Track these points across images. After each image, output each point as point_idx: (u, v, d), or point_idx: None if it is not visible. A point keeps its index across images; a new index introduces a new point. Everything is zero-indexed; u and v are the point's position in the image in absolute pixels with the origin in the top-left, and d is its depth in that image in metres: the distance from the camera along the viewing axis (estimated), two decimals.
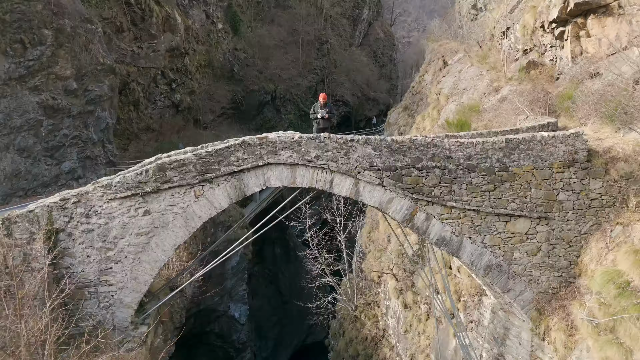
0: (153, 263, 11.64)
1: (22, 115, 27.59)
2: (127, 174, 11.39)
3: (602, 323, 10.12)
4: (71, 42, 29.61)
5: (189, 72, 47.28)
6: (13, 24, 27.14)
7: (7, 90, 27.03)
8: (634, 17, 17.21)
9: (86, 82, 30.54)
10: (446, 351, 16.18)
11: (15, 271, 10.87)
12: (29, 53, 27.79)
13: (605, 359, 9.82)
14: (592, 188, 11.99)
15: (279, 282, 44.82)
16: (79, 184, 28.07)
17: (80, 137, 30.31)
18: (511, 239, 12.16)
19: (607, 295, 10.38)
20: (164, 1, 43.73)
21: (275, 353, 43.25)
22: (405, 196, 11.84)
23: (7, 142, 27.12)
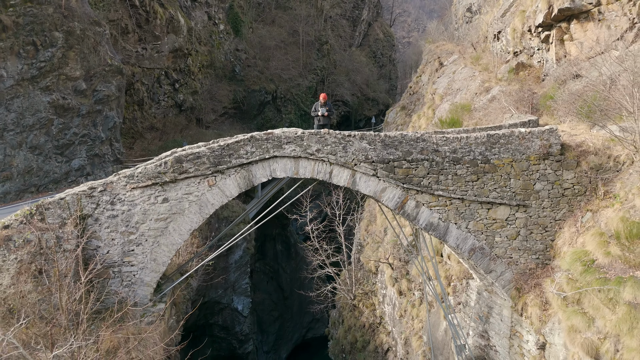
0: (170, 246, 13.11)
1: (34, 114, 29.05)
2: (148, 165, 12.86)
3: (570, 296, 11.58)
4: (80, 44, 31.08)
5: (192, 73, 48.77)
6: (26, 27, 28.58)
7: (19, 91, 28.49)
8: (612, 22, 18.70)
9: (95, 82, 32.03)
10: (437, 332, 17.64)
11: (49, 252, 12.37)
12: (41, 54, 29.25)
13: (572, 327, 11.28)
14: (565, 178, 13.46)
15: (280, 277, 46.23)
16: (88, 180, 29.52)
17: (89, 136, 31.80)
18: (493, 225, 13.62)
19: (575, 272, 11.85)
20: (167, 3, 45.22)
21: (276, 347, 44.66)
22: (397, 186, 13.30)
23: (19, 140, 28.59)
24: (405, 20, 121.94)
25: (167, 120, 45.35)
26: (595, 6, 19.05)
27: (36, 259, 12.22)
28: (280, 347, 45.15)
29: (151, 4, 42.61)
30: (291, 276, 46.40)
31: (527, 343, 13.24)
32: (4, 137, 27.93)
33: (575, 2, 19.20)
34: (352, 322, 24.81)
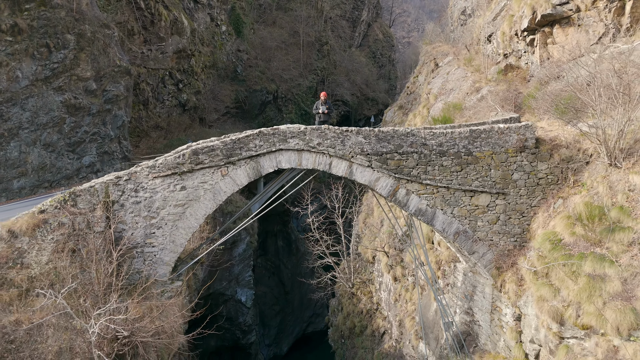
0: (187, 229, 14.91)
1: (48, 113, 30.84)
2: (168, 157, 14.66)
3: (539, 270, 13.39)
4: (91, 46, 32.89)
5: (195, 73, 50.57)
6: (40, 30, 30.38)
7: (34, 91, 30.29)
8: (590, 27, 20.53)
9: (104, 82, 33.84)
10: (428, 312, 19.43)
11: (81, 234, 14.17)
12: (54, 56, 31.05)
13: (540, 297, 13.07)
14: (539, 169, 15.27)
15: (281, 273, 47.98)
16: (98, 177, 31.27)
17: (99, 134, 33.60)
18: (475, 211, 15.42)
19: (544, 250, 13.65)
20: (171, 5, 47.06)
21: (277, 340, 46.43)
22: (389, 176, 15.10)
23: (34, 137, 30.38)
24: (405, 20, 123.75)
25: (172, 120, 47.14)
26: (575, 12, 20.87)
27: (70, 240, 14.02)
28: (282, 341, 46.90)
29: (156, 6, 44.46)
30: (292, 271, 48.17)
31: (506, 316, 15.04)
32: (19, 135, 29.73)
33: (557, 8, 21.02)
34: (351, 309, 26.62)
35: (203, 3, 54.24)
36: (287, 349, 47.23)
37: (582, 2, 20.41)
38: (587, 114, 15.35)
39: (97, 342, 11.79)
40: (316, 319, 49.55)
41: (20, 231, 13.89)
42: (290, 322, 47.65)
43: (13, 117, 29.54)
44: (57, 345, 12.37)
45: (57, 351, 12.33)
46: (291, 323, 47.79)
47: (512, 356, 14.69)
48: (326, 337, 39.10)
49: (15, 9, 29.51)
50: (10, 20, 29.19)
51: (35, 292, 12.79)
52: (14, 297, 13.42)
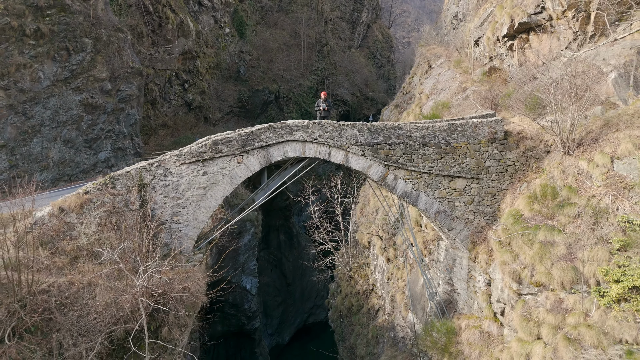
0: (208, 208, 17.93)
1: (67, 111, 33.91)
2: (192, 147, 17.69)
3: (503, 240, 16.42)
4: (106, 49, 35.97)
5: (200, 74, 53.66)
6: (60, 34, 33.45)
7: (55, 90, 33.36)
8: (561, 34, 23.59)
9: (118, 83, 36.92)
10: (416, 287, 22.45)
11: (120, 211, 17.20)
12: (73, 58, 34.12)
13: (503, 262, 16.09)
14: (508, 157, 18.30)
15: (283, 266, 50.96)
16: (112, 171, 34.26)
17: (114, 131, 36.66)
18: (453, 193, 18.45)
19: (508, 223, 16.68)
20: (178, 9, 50.18)
21: (280, 330, 49.43)
22: (380, 163, 18.13)
23: (55, 134, 33.43)
24: (405, 20, 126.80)
25: (178, 118, 50.21)
26: (547, 21, 23.93)
27: (111, 216, 17.06)
28: (284, 331, 49.91)
29: (164, 10, 47.60)
30: (293, 264, 51.16)
31: (479, 282, 18.07)
32: (42, 132, 32.79)
33: (532, 17, 24.09)
34: (349, 290, 29.61)
35: (207, 6, 57.35)
36: (289, 339, 50.24)
37: (554, 12, 23.46)
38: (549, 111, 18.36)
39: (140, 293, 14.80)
40: (317, 310, 52.55)
41: (69, 209, 16.93)
42: (291, 312, 50.64)
43: (36, 115, 32.60)
44: (104, 301, 15.38)
45: (105, 305, 15.33)
46: (293, 314, 50.78)
47: (483, 315, 17.71)
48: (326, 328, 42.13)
49: (38, 15, 32.59)
50: (33, 25, 32.25)
51: (92, 253, 15.81)
52: (65, 263, 16.48)
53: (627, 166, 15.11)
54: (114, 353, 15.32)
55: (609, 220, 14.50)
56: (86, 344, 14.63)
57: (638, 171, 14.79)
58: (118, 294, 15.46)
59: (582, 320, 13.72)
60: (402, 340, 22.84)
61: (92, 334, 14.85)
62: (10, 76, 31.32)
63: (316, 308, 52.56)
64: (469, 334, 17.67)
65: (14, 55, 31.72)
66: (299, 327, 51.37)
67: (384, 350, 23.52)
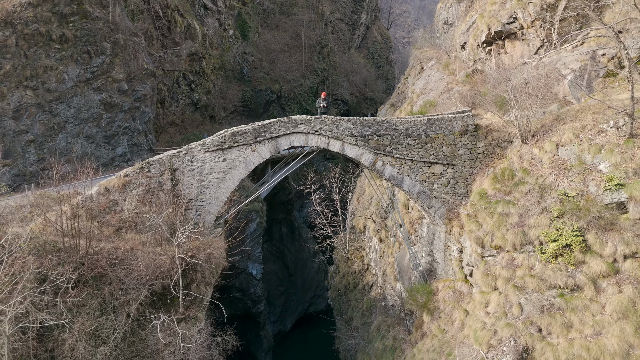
0: (227, 189, 22.11)
1: (89, 110, 38.14)
2: (214, 137, 21.87)
3: (470, 213, 20.59)
4: (123, 52, 40.22)
5: (205, 74, 57.90)
6: (82, 39, 37.70)
7: (78, 91, 37.60)
8: (531, 42, 27.80)
9: (134, 83, 41.16)
10: (403, 261, 26.62)
11: (155, 190, 21.37)
12: (94, 61, 38.37)
13: (470, 230, 20.26)
14: (478, 147, 22.48)
15: (285, 257, 55.11)
16: (128, 165, 38.48)
17: (130, 128, 40.88)
18: (432, 177, 22.62)
19: (475, 200, 20.86)
20: (185, 13, 54.45)
21: (282, 318, 53.56)
22: (371, 151, 22.29)
23: (77, 130, 37.66)
24: (405, 20, 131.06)
25: (185, 117, 54.43)
26: (519, 29, 28.15)
27: (147, 194, 21.24)
28: (286, 318, 54.04)
29: (172, 14, 51.87)
30: (295, 256, 55.32)
31: (453, 251, 22.24)
32: (66, 128, 37.02)
33: (505, 26, 28.31)
34: (346, 271, 33.76)
35: (212, 9, 61.64)
36: (291, 326, 54.36)
37: (524, 22, 27.68)
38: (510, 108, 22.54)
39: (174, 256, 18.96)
40: (317, 300, 56.69)
41: (113, 188, 21.13)
42: (293, 301, 54.78)
43: (61, 113, 36.85)
44: (145, 262, 19.52)
45: (145, 265, 19.46)
46: (294, 303, 54.92)
47: (456, 278, 21.88)
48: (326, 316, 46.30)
49: (63, 21, 36.83)
50: (59, 31, 36.51)
51: (133, 224, 19.97)
52: (111, 232, 20.65)
53: (568, 152, 19.30)
54: (153, 303, 19.49)
55: (551, 194, 18.68)
56: (132, 294, 18.76)
57: (575, 155, 18.99)
58: (156, 256, 19.62)
59: (528, 273, 17.90)
60: (392, 308, 26.97)
61: (136, 287, 18.99)
62: (38, 77, 35.57)
63: (316, 298, 56.69)
64: (444, 293, 21.83)
65: (42, 58, 35.97)
66: (300, 316, 55.48)
67: (376, 318, 27.65)
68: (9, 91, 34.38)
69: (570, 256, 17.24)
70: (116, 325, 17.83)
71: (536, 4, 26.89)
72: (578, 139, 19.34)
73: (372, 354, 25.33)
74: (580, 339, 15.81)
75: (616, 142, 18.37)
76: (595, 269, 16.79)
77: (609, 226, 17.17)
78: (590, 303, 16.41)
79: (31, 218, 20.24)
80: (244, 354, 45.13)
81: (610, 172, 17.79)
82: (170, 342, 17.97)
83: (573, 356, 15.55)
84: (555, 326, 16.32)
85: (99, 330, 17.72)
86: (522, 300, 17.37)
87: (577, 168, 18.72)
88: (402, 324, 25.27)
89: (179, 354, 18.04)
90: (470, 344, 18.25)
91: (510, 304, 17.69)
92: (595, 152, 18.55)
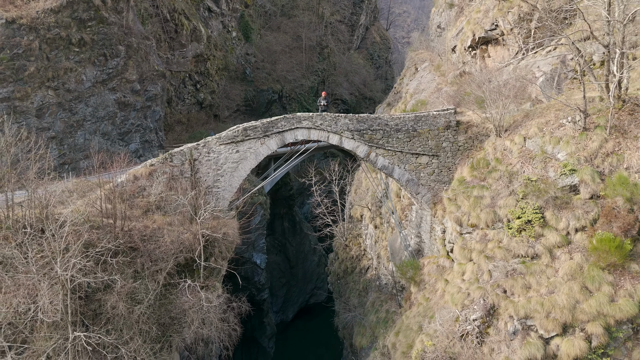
0: (239, 177, 25.96)
1: (105, 108, 42.01)
2: (228, 132, 25.72)
3: (451, 197, 24.45)
4: (136, 55, 44.10)
5: (210, 75, 61.81)
6: (99, 42, 41.58)
7: (95, 91, 41.47)
8: (510, 47, 31.69)
9: (146, 84, 45.03)
10: (395, 244, 30.46)
11: (177, 178, 25.21)
12: (109, 63, 42.25)
13: (450, 212, 24.12)
14: (459, 140, 26.34)
15: (287, 250, 58.94)
16: (141, 161, 42.31)
17: (142, 126, 44.74)
18: (419, 167, 26.46)
19: (455, 185, 24.73)
20: (191, 16, 58.38)
21: (284, 308, 57.41)
22: (365, 144, 26.14)
23: (94, 128, 41.52)
24: (405, 20, 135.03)
25: (191, 116, 58.34)
26: (500, 35, 32.06)
27: (171, 182, 25.07)
28: (288, 309, 57.88)
29: (179, 18, 55.83)
30: (296, 249, 59.16)
31: (437, 232, 26.09)
32: (84, 126, 40.87)
33: (488, 32, 32.22)
34: (344, 256, 37.63)
35: (216, 12, 65.61)
36: (292, 316, 58.19)
37: (504, 29, 31.59)
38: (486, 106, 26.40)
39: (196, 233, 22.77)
40: (317, 292, 60.55)
41: (140, 176, 24.98)
42: (295, 293, 58.62)
43: (79, 111, 40.70)
44: (170, 238, 23.33)
45: (171, 241, 23.28)
46: (296, 294, 58.76)
47: (440, 254, 25.72)
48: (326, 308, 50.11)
49: (81, 26, 40.70)
50: (78, 35, 40.38)
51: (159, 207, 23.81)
52: (140, 214, 24.48)
53: (533, 143, 23.17)
54: (178, 273, 23.29)
55: (518, 180, 22.54)
56: (160, 265, 22.59)
57: (539, 146, 22.86)
58: (180, 233, 23.45)
59: (497, 245, 21.75)
60: (385, 286, 30.81)
61: (164, 259, 22.81)
62: (59, 78, 39.44)
63: (317, 290, 60.54)
64: (429, 268, 25.67)
65: (62, 60, 39.83)
66: (302, 307, 59.32)
67: (371, 295, 31.47)
68: (33, 91, 38.22)
69: (532, 230, 21.09)
70: (149, 289, 21.63)
71: (514, 13, 30.81)
72: (542, 132, 23.21)
73: (367, 326, 29.16)
74: (537, 297, 19.64)
75: (572, 134, 22.24)
76: (551, 240, 20.64)
77: (563, 205, 21.02)
78: (546, 268, 20.26)
79: (73, 201, 24.06)
80: (249, 340, 49.09)
81: (565, 160, 21.67)
82: (195, 303, 21.78)
83: (530, 310, 19.38)
84: (517, 287, 20.16)
85: (134, 293, 21.51)
86: (491, 267, 21.22)
87: (539, 157, 22.59)
88: (394, 299, 29.10)
89: (201, 314, 21.86)
90: (449, 307, 22.08)
91: (482, 271, 21.54)
92: (555, 144, 22.42)
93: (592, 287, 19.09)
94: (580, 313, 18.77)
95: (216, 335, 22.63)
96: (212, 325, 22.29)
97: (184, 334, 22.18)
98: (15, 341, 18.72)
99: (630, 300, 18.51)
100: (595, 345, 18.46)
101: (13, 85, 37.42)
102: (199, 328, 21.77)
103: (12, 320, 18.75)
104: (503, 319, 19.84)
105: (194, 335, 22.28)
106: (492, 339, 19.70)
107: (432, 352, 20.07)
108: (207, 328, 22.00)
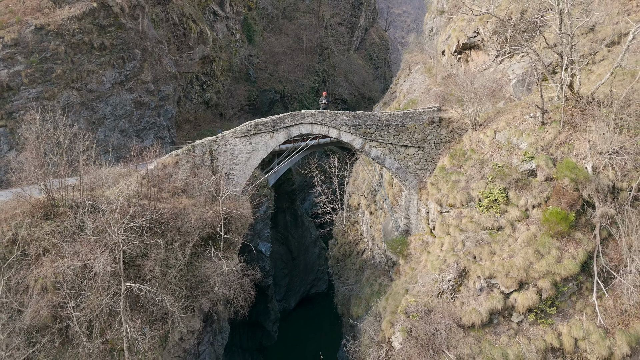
0: (252, 166, 31.18)
1: (122, 107, 47.25)
2: (243, 126, 30.96)
3: (433, 181, 29.70)
4: (150, 58, 49.38)
5: (216, 76, 67.07)
6: (117, 47, 46.84)
7: (114, 91, 46.71)
8: (490, 52, 36.97)
9: (159, 85, 50.29)
10: (388, 226, 35.68)
11: (199, 166, 30.43)
12: (126, 66, 47.50)
13: (432, 194, 29.36)
14: (442, 133, 31.59)
15: (289, 243, 64.11)
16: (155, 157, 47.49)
17: (156, 124, 49.97)
18: (407, 157, 31.69)
19: (437, 172, 29.98)
20: (198, 19, 63.67)
21: (286, 297, 62.57)
22: (360, 137, 31.36)
23: (113, 125, 46.75)
24: (405, 20, 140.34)
25: (198, 115, 63.59)
26: (481, 42, 37.34)
27: (194, 169, 30.28)
28: (290, 298, 63.04)
29: (187, 21, 61.12)
30: (298, 241, 64.33)
31: (422, 213, 31.32)
32: (104, 123, 46.11)
33: (470, 39, 37.48)
34: (343, 241, 42.86)
35: (221, 15, 70.95)
36: (294, 305, 63.37)
37: (485, 35, 36.86)
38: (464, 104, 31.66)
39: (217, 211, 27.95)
40: (318, 282, 65.75)
41: (168, 164, 30.21)
42: (296, 283, 63.80)
43: (100, 110, 45.93)
44: (195, 217, 28.50)
45: (195, 219, 28.45)
46: (297, 284, 63.94)
47: (424, 232, 30.94)
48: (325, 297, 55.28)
49: (102, 32, 45.95)
50: (99, 40, 45.64)
51: (184, 191, 29.05)
52: (167, 196, 29.71)
53: (502, 136, 28.42)
54: (200, 246, 28.46)
55: (488, 166, 27.76)
56: (187, 238, 27.78)
57: (506, 138, 28.11)
58: (203, 212, 28.65)
59: (469, 220, 26.97)
60: (379, 264, 36.02)
61: (189, 233, 28.00)
62: (82, 80, 44.69)
63: (317, 280, 65.73)
64: (415, 243, 30.89)
65: (85, 63, 45.09)
66: (303, 296, 64.51)
67: (366, 272, 36.68)
68: (59, 91, 43.46)
69: (498, 207, 26.31)
70: (179, 257, 26.82)
71: (493, 22, 36.08)
72: (509, 126, 28.45)
73: (362, 297, 34.37)
74: (499, 261, 24.86)
75: (533, 128, 27.48)
76: (513, 215, 25.86)
77: (523, 186, 26.24)
78: (508, 238, 25.48)
79: (112, 185, 29.26)
80: (254, 324, 54.31)
81: (526, 149, 26.90)
82: (217, 268, 26.99)
83: (494, 271, 24.58)
84: (484, 253, 25.37)
85: (166, 260, 26.68)
86: (463, 238, 26.44)
87: (506, 147, 27.83)
88: (386, 274, 34.31)
89: (222, 278, 27.07)
90: (430, 273, 27.28)
91: (457, 242, 26.76)
92: (518, 136, 27.66)
93: (543, 251, 24.30)
94: (533, 272, 23.98)
95: (234, 297, 27.85)
96: (231, 287, 27.51)
97: (208, 294, 27.39)
98: (73, 296, 23.93)
99: (573, 260, 23.75)
100: (544, 297, 23.67)
101: (42, 86, 42.69)
102: (220, 289, 26.99)
103: (71, 279, 23.96)
104: (472, 279, 25.02)
105: (216, 297, 27.51)
106: (462, 295, 24.90)
107: (414, 306, 25.27)
108: (227, 288, 27.22)
